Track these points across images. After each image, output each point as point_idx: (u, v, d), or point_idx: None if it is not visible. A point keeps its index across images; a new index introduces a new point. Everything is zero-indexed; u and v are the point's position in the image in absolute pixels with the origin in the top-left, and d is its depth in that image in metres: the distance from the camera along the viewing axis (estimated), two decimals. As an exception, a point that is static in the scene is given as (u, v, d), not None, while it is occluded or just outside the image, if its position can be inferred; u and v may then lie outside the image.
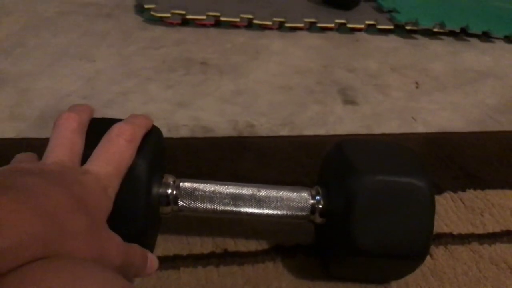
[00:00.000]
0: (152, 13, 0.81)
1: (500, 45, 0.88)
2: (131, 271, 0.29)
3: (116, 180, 0.29)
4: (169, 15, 0.80)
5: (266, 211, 0.35)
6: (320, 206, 0.35)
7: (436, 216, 0.43)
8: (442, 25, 0.87)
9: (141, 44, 0.73)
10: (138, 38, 0.75)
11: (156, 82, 0.63)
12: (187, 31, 0.80)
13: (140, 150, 0.31)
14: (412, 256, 0.32)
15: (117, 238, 0.27)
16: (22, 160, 0.30)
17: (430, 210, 0.32)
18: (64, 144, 0.29)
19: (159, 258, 0.37)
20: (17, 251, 0.19)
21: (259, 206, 0.35)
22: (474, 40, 0.88)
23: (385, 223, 0.31)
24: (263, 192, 0.35)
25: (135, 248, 0.29)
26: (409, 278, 0.37)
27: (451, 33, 0.88)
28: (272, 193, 0.35)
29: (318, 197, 0.35)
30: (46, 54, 0.68)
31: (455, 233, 0.43)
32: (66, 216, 0.23)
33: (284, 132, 0.56)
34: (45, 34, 0.74)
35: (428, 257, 0.40)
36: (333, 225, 0.34)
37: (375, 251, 0.31)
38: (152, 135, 0.33)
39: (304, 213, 0.35)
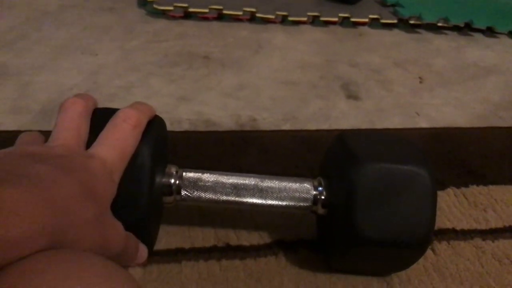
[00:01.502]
0: (154, 6, 0.80)
1: (504, 40, 0.87)
2: (124, 259, 0.29)
3: (120, 165, 0.29)
4: (171, 8, 0.80)
5: (268, 202, 0.35)
6: (323, 197, 0.35)
7: (439, 212, 0.43)
8: (446, 19, 0.87)
9: (144, 38, 0.73)
10: (140, 31, 0.75)
11: (159, 76, 0.63)
12: (189, 24, 0.79)
13: (144, 138, 0.31)
14: (414, 244, 0.32)
15: (119, 226, 0.28)
16: (28, 141, 0.30)
17: (431, 198, 0.32)
18: (71, 128, 0.29)
19: (160, 251, 0.37)
20: (28, 242, 0.20)
21: (262, 197, 0.35)
22: (478, 35, 0.87)
23: (386, 211, 0.31)
24: (265, 183, 0.35)
25: (131, 237, 0.30)
26: (412, 273, 0.37)
27: (455, 28, 0.88)
28: (275, 183, 0.35)
29: (320, 188, 0.35)
30: (48, 48, 0.68)
31: (458, 228, 0.43)
32: (75, 206, 0.23)
33: (287, 126, 0.55)
34: (47, 28, 0.73)
35: (430, 252, 0.40)
36: (335, 215, 0.34)
37: (377, 239, 0.31)
38: (155, 124, 0.34)
39: (306, 204, 0.35)
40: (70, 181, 0.24)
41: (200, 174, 0.35)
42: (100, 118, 0.31)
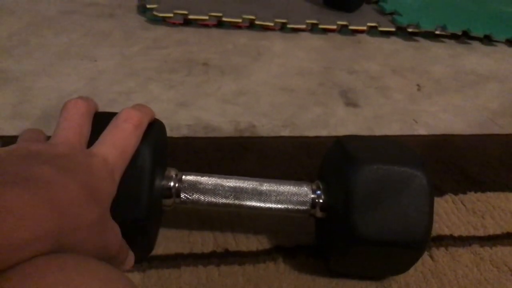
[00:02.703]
0: (154, 13, 0.81)
1: (502, 48, 0.88)
2: (114, 263, 0.29)
3: (121, 164, 0.29)
4: (171, 15, 0.81)
5: (267, 205, 0.35)
6: (321, 201, 0.35)
7: (437, 218, 0.44)
8: (443, 27, 0.88)
9: (143, 44, 0.73)
10: (140, 38, 0.76)
11: (158, 82, 0.63)
12: (189, 31, 0.80)
13: (145, 139, 0.31)
14: (412, 244, 0.32)
15: (117, 228, 0.28)
16: (31, 138, 0.30)
17: (429, 198, 0.32)
18: (73, 126, 0.29)
19: (160, 256, 0.37)
20: (33, 245, 0.20)
21: (261, 200, 0.35)
22: (475, 43, 0.88)
23: (384, 211, 0.31)
24: (264, 186, 0.35)
25: (124, 242, 0.30)
26: (410, 279, 0.37)
27: (453, 36, 0.89)
28: (274, 187, 0.36)
29: (318, 192, 0.36)
30: (48, 54, 0.68)
31: (456, 235, 0.43)
32: (79, 208, 0.23)
33: (286, 133, 0.56)
34: (47, 34, 0.74)
35: (429, 259, 0.40)
36: (334, 218, 0.34)
37: (375, 239, 0.31)
38: (155, 126, 0.34)
39: (304, 207, 0.35)
40: (73, 183, 0.24)
41: (199, 177, 0.35)
42: (101, 121, 0.31)
